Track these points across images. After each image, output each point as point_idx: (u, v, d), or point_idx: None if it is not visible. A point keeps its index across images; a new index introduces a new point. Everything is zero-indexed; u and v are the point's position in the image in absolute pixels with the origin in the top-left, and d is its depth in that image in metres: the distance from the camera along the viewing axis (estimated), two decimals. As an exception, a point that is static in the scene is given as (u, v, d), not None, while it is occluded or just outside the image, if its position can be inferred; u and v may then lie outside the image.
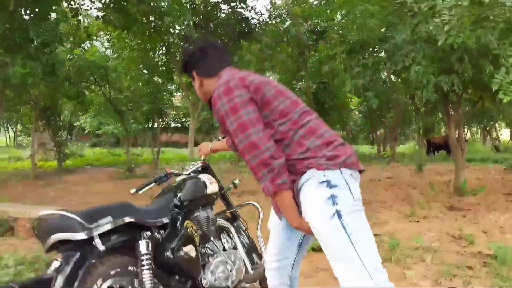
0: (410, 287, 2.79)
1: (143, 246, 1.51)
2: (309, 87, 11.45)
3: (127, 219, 1.46)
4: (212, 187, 2.09)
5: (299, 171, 1.43)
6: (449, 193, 6.91)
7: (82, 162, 15.52)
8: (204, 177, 2.11)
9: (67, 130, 14.81)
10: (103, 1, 8.17)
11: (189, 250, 1.66)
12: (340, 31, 7.98)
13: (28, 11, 4.31)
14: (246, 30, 11.03)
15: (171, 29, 10.42)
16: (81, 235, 1.29)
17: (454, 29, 4.07)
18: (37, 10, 4.14)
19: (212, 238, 2.05)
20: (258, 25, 12.00)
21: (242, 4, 11.08)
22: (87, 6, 9.61)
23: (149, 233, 1.57)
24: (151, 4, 8.59)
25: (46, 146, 14.60)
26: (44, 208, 4.86)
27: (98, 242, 1.34)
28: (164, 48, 10.77)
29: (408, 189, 7.50)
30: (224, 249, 2.12)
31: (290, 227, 1.54)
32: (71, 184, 9.64)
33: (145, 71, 11.92)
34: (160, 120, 14.59)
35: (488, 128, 15.81)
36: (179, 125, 21.82)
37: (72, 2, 7.83)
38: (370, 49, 5.86)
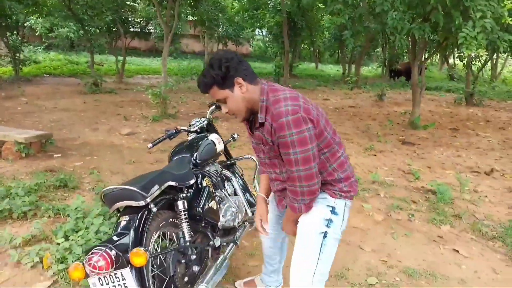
0: (367, 219, 3.48)
1: (181, 204, 1.93)
2: (284, 3, 11.13)
3: (168, 184, 1.83)
4: (220, 146, 2.46)
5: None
6: (404, 126, 7.70)
7: (39, 70, 14.69)
8: (213, 137, 2.45)
9: (17, 32, 13.59)
10: None
11: (212, 204, 2.10)
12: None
13: None
14: None
15: None
16: (142, 203, 1.66)
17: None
18: None
19: (219, 187, 2.48)
20: None
21: None
22: None
23: (183, 193, 1.96)
24: None
25: (0, 52, 13.54)
26: (28, 132, 4.97)
27: (152, 206, 1.73)
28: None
29: (368, 120, 8.23)
30: (228, 195, 2.58)
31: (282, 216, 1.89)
32: (35, 98, 9.38)
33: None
34: (123, 29, 13.83)
35: (446, 55, 16.56)
36: (138, 29, 20.63)
37: None
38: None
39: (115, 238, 1.63)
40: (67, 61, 17.93)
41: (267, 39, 22.26)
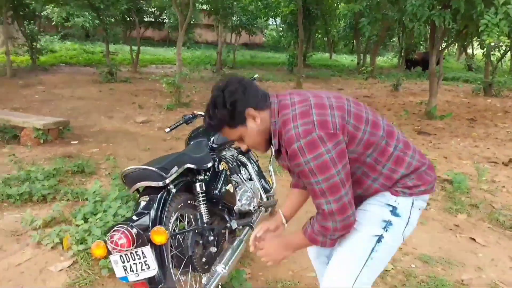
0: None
1: (199, 186, 1.96)
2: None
3: (186, 166, 1.86)
4: (236, 131, 2.47)
5: (374, 192, 1.37)
6: (420, 116, 7.59)
7: (56, 60, 14.91)
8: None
9: (33, 21, 13.78)
10: None
11: (229, 188, 2.12)
12: None
13: None
14: None
15: None
16: (161, 183, 1.70)
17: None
18: None
19: (236, 172, 2.50)
20: None
21: None
22: None
23: (201, 176, 1.99)
24: None
25: (17, 41, 13.76)
26: (46, 119, 5.07)
27: (171, 187, 1.77)
28: None
29: (383, 110, 8.12)
30: (244, 180, 2.60)
31: None
32: (52, 86, 9.53)
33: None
34: (138, 18, 13.90)
35: (464, 45, 16.16)
36: (152, 19, 20.75)
37: None
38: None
39: (135, 217, 1.67)
40: (82, 51, 18.16)
41: (281, 28, 22.04)
